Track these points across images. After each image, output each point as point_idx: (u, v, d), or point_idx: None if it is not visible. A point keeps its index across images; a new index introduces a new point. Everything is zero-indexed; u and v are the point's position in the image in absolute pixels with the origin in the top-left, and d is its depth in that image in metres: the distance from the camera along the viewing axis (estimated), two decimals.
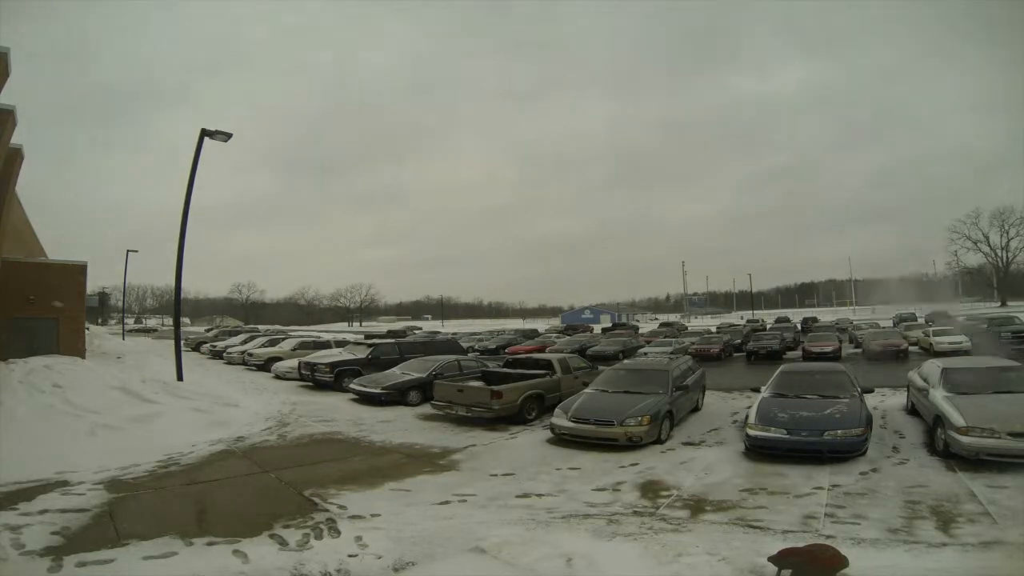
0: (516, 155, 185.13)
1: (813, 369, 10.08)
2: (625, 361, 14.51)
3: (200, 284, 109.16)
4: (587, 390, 9.85)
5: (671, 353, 23.74)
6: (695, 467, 7.15)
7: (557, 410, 8.97)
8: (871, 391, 9.45)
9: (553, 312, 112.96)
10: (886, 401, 11.03)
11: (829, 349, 20.31)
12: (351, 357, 15.86)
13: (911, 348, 21.11)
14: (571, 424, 8.49)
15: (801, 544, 4.08)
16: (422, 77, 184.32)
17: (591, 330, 46.95)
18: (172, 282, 15.71)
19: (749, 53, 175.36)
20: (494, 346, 30.83)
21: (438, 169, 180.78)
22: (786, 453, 7.08)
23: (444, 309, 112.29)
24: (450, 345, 18.93)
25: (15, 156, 12.87)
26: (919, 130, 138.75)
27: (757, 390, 9.04)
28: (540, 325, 62.85)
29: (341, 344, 20.59)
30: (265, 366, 19.74)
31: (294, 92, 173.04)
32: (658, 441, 8.40)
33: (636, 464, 7.36)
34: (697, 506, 5.64)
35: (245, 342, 25.67)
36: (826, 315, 60.71)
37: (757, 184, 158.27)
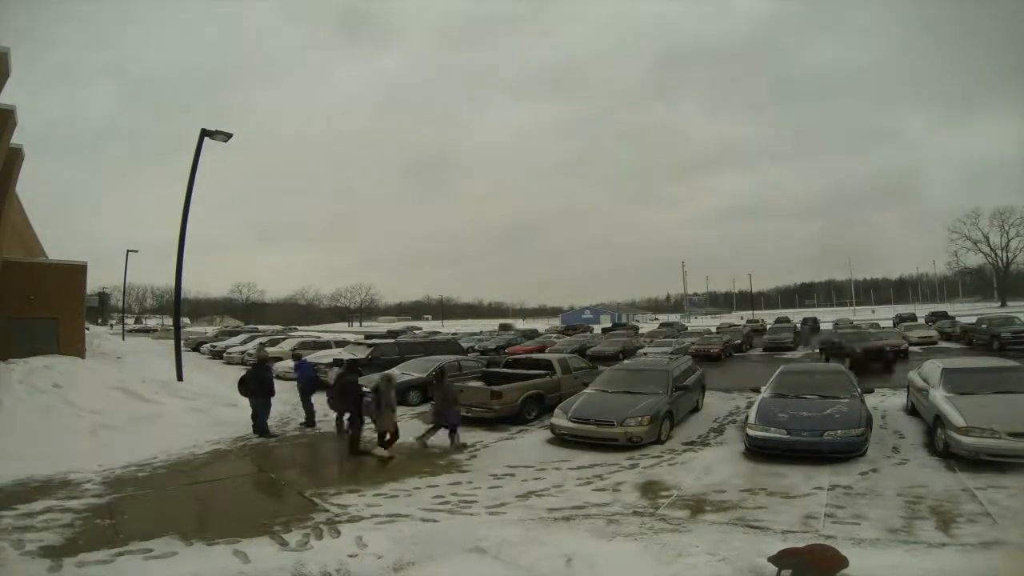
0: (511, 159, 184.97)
1: (813, 369, 10.08)
2: (625, 361, 14.47)
3: (200, 284, 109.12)
4: (587, 390, 9.84)
5: (671, 353, 23.82)
6: (695, 467, 7.15)
7: (557, 410, 8.95)
8: (871, 391, 9.45)
9: (553, 312, 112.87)
10: (886, 401, 11.02)
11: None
12: (351, 357, 15.86)
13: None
14: (571, 424, 8.48)
15: (801, 544, 4.08)
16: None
17: (591, 330, 46.86)
18: (172, 282, 15.72)
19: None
20: (494, 346, 30.83)
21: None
22: (786, 453, 7.08)
23: (444, 309, 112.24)
24: (450, 345, 18.96)
25: (15, 156, 12.86)
26: None
27: (757, 390, 9.04)
28: (540, 325, 62.81)
29: (341, 344, 20.60)
30: None
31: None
32: (658, 441, 8.40)
33: (636, 464, 7.36)
34: (697, 506, 5.64)
35: (245, 342, 25.68)
36: (826, 315, 60.77)
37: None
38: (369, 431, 8.52)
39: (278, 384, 16.27)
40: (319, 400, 10.70)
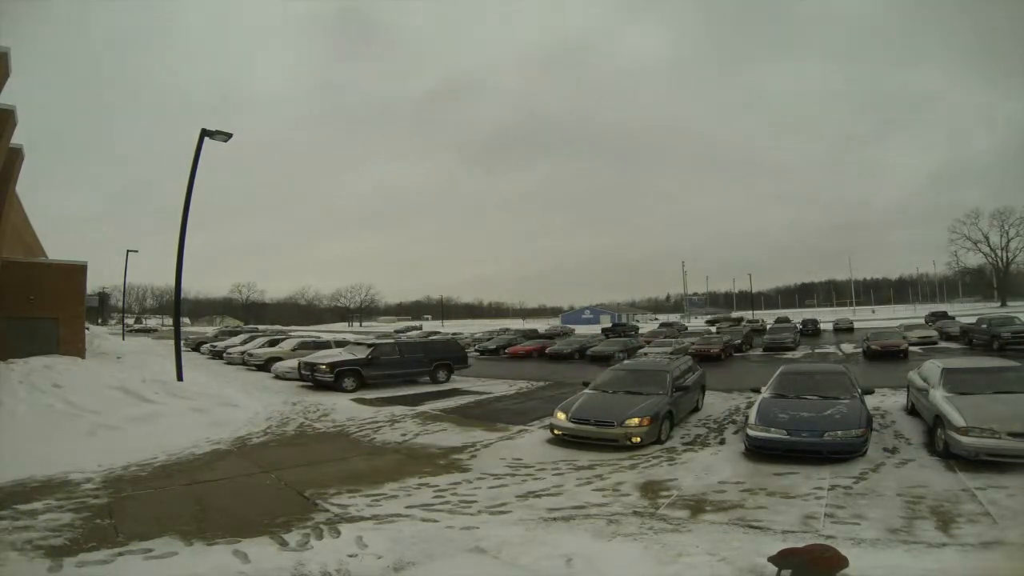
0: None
1: (813, 370, 10.08)
2: (625, 361, 14.49)
3: (200, 284, 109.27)
4: (587, 390, 9.82)
5: (671, 353, 23.83)
6: (695, 467, 7.15)
7: (557, 410, 8.95)
8: (871, 392, 9.45)
9: (553, 312, 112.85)
10: (886, 401, 11.02)
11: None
12: (351, 357, 15.87)
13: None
14: (571, 425, 8.48)
15: (801, 544, 4.07)
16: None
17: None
18: (172, 282, 15.73)
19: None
20: (494, 346, 30.89)
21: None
22: (786, 454, 7.08)
23: (444, 309, 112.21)
24: (450, 345, 19.02)
25: (15, 156, 12.87)
26: None
27: (757, 391, 9.04)
28: (540, 325, 62.83)
29: (341, 344, 20.62)
30: (265, 366, 19.75)
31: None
32: (658, 441, 8.40)
33: (636, 464, 7.36)
34: (697, 506, 5.64)
35: (245, 342, 25.69)
36: (826, 315, 60.75)
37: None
38: None
39: (279, 384, 16.43)
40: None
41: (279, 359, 19.52)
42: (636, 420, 8.16)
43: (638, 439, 8.09)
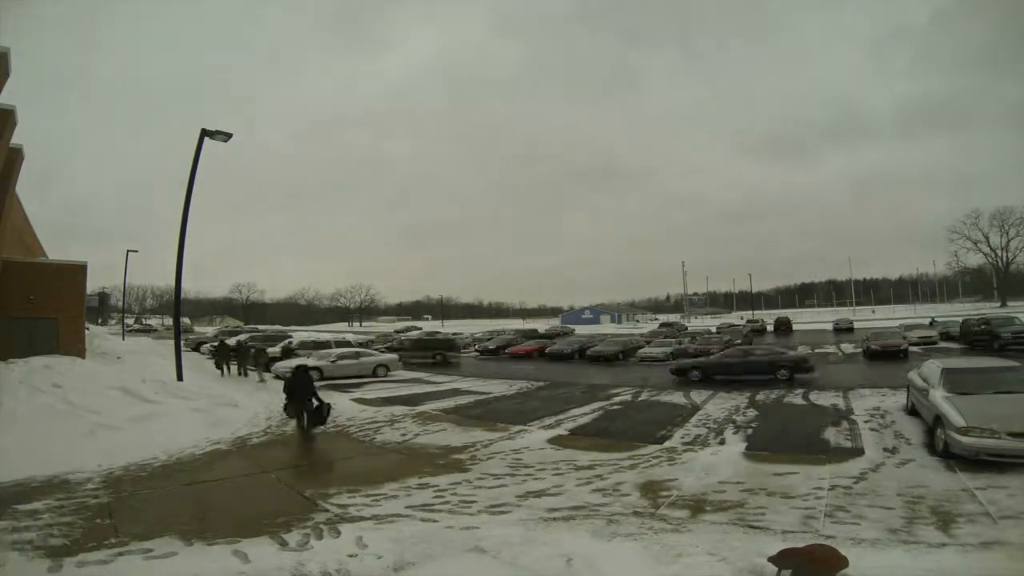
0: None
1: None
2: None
3: (200, 284, 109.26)
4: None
5: (671, 352, 23.80)
6: (695, 467, 7.14)
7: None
8: None
9: (553, 312, 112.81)
10: (886, 401, 11.02)
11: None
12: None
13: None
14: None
15: (801, 544, 4.08)
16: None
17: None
18: (172, 282, 15.75)
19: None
20: (494, 346, 30.94)
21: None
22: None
23: (444, 309, 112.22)
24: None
25: (15, 156, 12.88)
26: None
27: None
28: (540, 325, 62.88)
29: (341, 344, 20.65)
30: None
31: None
32: None
33: (636, 464, 7.36)
34: (697, 506, 5.63)
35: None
36: (826, 315, 60.84)
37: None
38: None
39: (279, 384, 16.41)
40: None
41: (279, 359, 19.52)
42: None
43: None
